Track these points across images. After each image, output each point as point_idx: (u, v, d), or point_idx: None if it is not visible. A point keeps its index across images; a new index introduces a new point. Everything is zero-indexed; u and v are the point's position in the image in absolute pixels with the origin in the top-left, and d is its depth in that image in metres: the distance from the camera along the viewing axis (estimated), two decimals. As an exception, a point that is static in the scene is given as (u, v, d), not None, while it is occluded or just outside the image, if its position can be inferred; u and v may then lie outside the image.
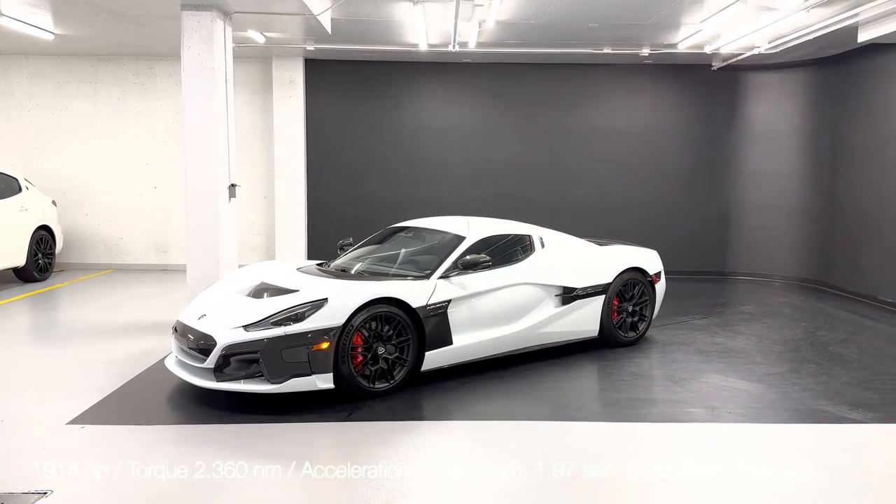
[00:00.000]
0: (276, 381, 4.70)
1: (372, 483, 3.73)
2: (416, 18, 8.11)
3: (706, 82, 11.24)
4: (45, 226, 10.07)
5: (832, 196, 10.20)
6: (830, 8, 7.42)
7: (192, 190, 7.12)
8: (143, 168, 11.33)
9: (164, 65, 11.18)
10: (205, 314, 5.19)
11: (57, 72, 11.16)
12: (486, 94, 11.41)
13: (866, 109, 9.41)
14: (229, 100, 7.31)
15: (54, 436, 4.38)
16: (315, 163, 11.33)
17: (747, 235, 11.36)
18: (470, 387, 5.42)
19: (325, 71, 11.18)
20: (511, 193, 11.29)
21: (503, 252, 6.12)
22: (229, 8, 7.17)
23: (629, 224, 11.09)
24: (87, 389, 5.23)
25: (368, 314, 4.97)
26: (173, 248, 11.44)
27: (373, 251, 6.49)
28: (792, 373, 5.96)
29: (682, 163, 11.45)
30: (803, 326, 7.84)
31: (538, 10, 7.95)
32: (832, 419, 4.85)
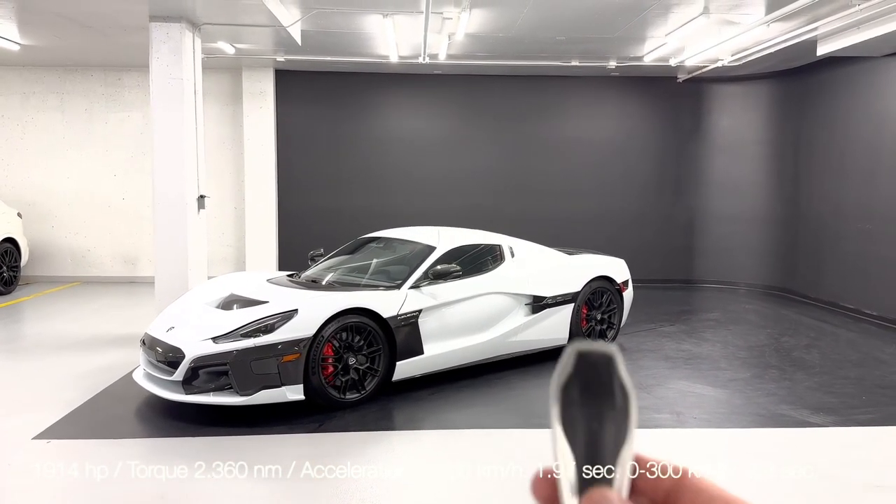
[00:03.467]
0: (246, 393, 4.69)
1: (343, 493, 3.74)
2: (387, 31, 8.16)
3: (672, 94, 11.45)
4: (10, 238, 9.91)
5: (795, 204, 10.44)
6: (790, 22, 7.63)
7: (160, 201, 7.08)
8: (111, 179, 11.21)
9: (132, 76, 11.09)
10: (173, 326, 5.17)
11: (23, 82, 11.01)
12: (457, 106, 11.51)
13: (826, 120, 9.67)
14: (198, 111, 7.29)
15: (20, 451, 4.32)
16: (285, 174, 11.30)
17: (713, 244, 11.57)
18: (441, 396, 5.46)
19: (296, 82, 11.18)
20: (481, 204, 11.37)
21: (473, 262, 6.18)
22: (198, 19, 7.16)
23: (597, 233, 11.23)
24: (54, 403, 5.17)
25: (339, 325, 4.99)
26: (141, 260, 11.32)
27: (344, 262, 6.51)
28: (756, 378, 6.09)
29: (648, 173, 11.64)
30: (767, 333, 8.00)
31: (507, 23, 8.06)
32: (794, 423, 4.97)
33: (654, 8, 7.35)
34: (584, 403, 0.51)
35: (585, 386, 0.52)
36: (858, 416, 5.13)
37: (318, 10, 7.51)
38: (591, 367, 0.52)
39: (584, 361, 0.52)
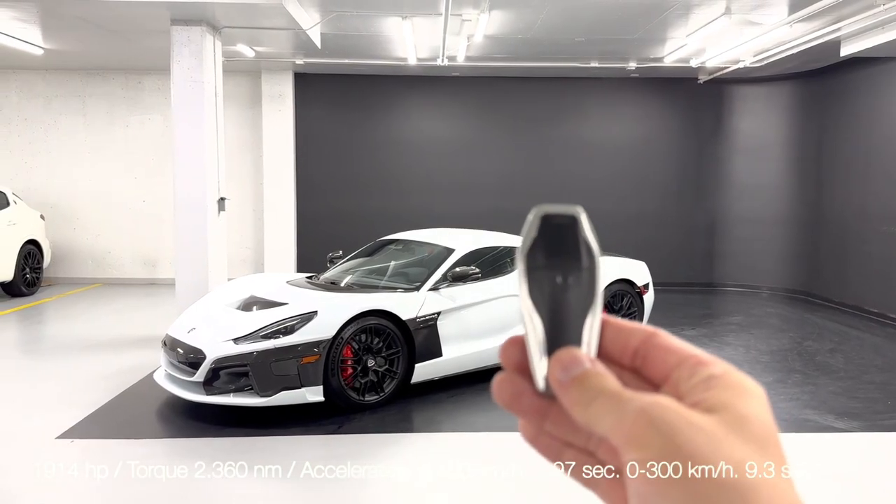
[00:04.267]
0: (266, 395, 4.70)
1: (363, 495, 3.73)
2: (405, 33, 8.17)
3: (692, 95, 11.37)
4: (33, 240, 10.03)
5: (818, 207, 10.31)
6: (813, 23, 7.55)
7: (181, 204, 7.12)
8: (132, 182, 11.32)
9: (152, 79, 11.19)
10: (194, 328, 5.19)
11: (46, 86, 11.14)
12: (475, 108, 11.49)
13: (850, 121, 9.55)
14: (219, 114, 7.34)
15: (44, 450, 4.35)
16: (304, 176, 11.35)
17: (734, 247, 11.46)
18: (460, 399, 5.44)
19: (315, 84, 11.22)
20: (500, 206, 11.33)
21: (492, 264, 6.15)
22: (219, 23, 7.21)
23: (617, 236, 11.15)
24: (77, 404, 5.21)
25: (358, 327, 4.99)
26: (161, 262, 11.40)
27: (362, 264, 6.51)
28: (779, 383, 6.01)
29: (669, 175, 11.55)
30: (790, 337, 7.91)
31: (526, 24, 8.04)
32: (818, 428, 4.89)
33: (675, 8, 7.29)
34: (549, 266, 0.51)
35: (550, 248, 0.51)
36: (884, 422, 5.04)
37: (338, 12, 7.53)
38: (556, 229, 0.51)
39: (548, 224, 0.51)
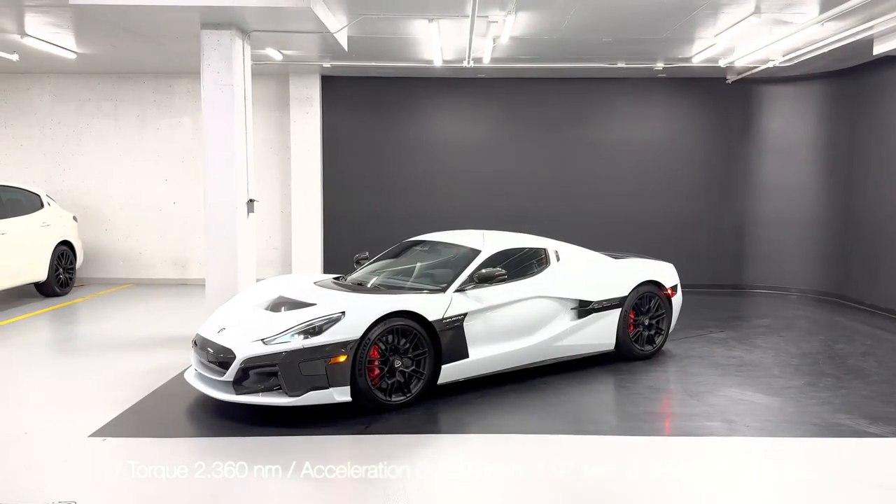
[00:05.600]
0: (294, 394, 4.74)
1: (391, 495, 3.75)
2: (432, 35, 8.19)
3: (721, 95, 11.25)
4: (66, 241, 10.22)
5: (848, 208, 10.15)
6: (844, 21, 7.43)
7: (211, 205, 7.21)
8: (162, 184, 11.49)
9: (182, 82, 11.35)
10: (224, 328, 5.26)
11: (78, 90, 11.36)
12: (501, 109, 11.49)
13: (882, 121, 9.38)
14: (248, 116, 7.42)
15: (76, 448, 4.44)
16: (331, 178, 11.43)
17: (763, 248, 11.32)
18: (486, 400, 5.44)
19: (341, 87, 11.30)
20: (526, 207, 11.33)
21: (519, 265, 6.15)
22: (248, 27, 7.29)
23: (644, 237, 11.09)
24: (108, 402, 5.31)
25: (385, 327, 5.01)
26: (192, 263, 11.56)
27: (389, 265, 6.54)
28: (810, 386, 5.93)
29: (696, 176, 11.45)
30: (821, 339, 7.79)
31: (552, 25, 8.02)
32: (851, 433, 4.82)
33: (704, 8, 7.23)
34: None
35: None
36: (920, 427, 4.95)
37: (365, 15, 7.58)
38: None
39: None
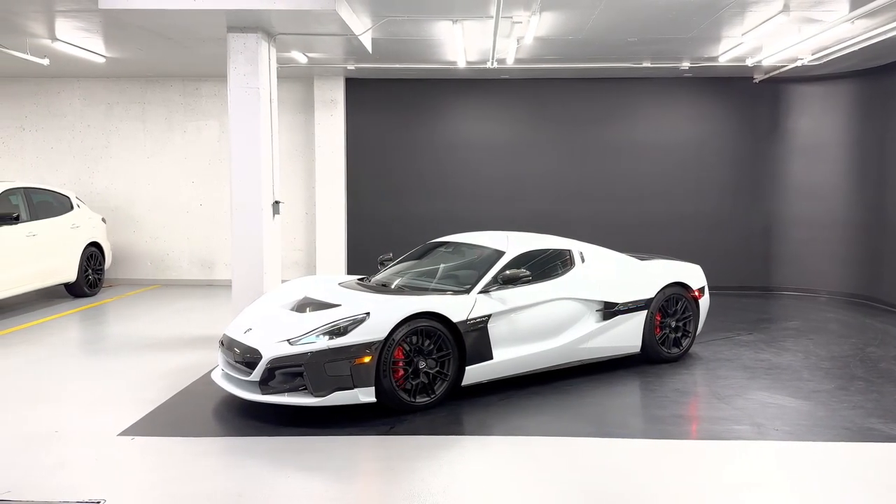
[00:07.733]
0: (320, 395, 4.77)
1: (415, 496, 3.75)
2: (455, 36, 8.19)
3: (748, 95, 11.12)
4: (95, 242, 10.38)
5: (879, 209, 9.97)
6: (875, 19, 7.31)
7: (237, 207, 7.28)
8: (189, 186, 11.62)
9: (209, 85, 11.47)
10: (250, 328, 5.30)
11: (107, 93, 11.53)
12: (525, 110, 11.45)
13: (915, 121, 9.21)
14: (273, 119, 7.48)
15: (106, 447, 4.50)
16: (355, 179, 11.48)
17: (792, 250, 11.16)
18: (510, 402, 5.42)
19: (366, 89, 11.35)
20: (550, 208, 11.28)
21: (543, 267, 6.12)
22: (274, 30, 7.34)
23: (671, 238, 10.99)
24: (137, 401, 5.37)
25: (409, 328, 5.02)
26: (218, 264, 11.67)
27: (413, 266, 6.55)
28: (841, 390, 5.83)
29: (724, 176, 11.32)
30: (852, 343, 7.65)
31: (577, 25, 7.98)
32: (884, 438, 4.72)
33: (731, 7, 7.15)
34: None
35: None
36: (955, 432, 4.84)
37: (389, 17, 7.60)
38: None
39: None
